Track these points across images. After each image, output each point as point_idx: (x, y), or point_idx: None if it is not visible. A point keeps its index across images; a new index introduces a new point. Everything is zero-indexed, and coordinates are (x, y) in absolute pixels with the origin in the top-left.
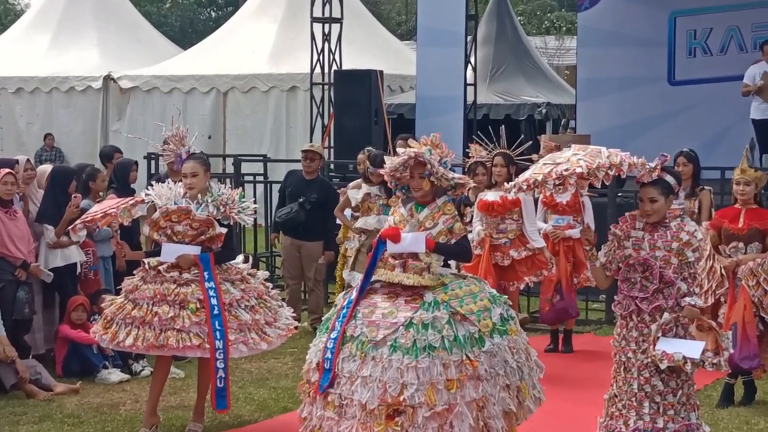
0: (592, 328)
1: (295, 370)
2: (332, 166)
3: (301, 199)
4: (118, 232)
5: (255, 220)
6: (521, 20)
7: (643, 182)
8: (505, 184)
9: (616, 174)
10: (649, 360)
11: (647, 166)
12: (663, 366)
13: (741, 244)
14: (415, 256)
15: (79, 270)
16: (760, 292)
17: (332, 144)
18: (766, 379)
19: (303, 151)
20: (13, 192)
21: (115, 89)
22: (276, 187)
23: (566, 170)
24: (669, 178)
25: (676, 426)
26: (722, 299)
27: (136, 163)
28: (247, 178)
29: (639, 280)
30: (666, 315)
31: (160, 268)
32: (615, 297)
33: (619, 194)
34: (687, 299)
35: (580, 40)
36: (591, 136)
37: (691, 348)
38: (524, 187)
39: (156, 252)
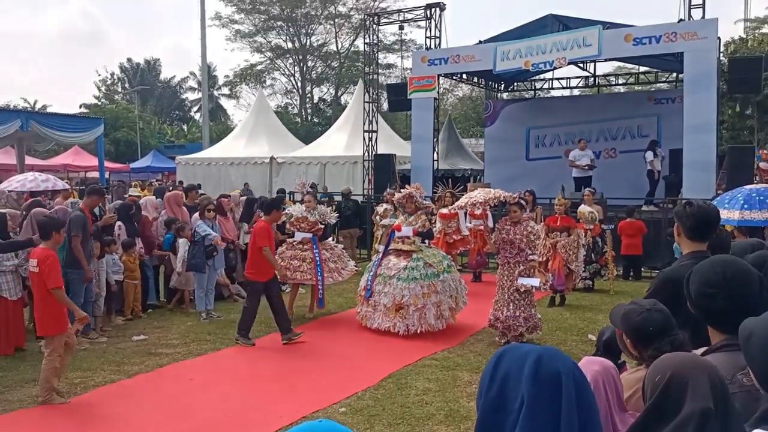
0: (491, 271)
1: (355, 290)
2: (373, 194)
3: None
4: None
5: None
6: (459, 130)
7: (511, 203)
8: (450, 206)
9: (498, 201)
10: (514, 287)
11: (513, 196)
12: (521, 289)
13: (558, 233)
14: (408, 237)
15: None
16: (566, 255)
17: (373, 185)
18: (571, 294)
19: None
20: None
21: (275, 163)
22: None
23: (475, 200)
24: (522, 202)
25: (524, 314)
26: (548, 258)
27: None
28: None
29: (509, 249)
30: (521, 267)
31: (294, 243)
32: (497, 257)
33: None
34: (531, 257)
35: (486, 139)
36: (491, 184)
37: (533, 281)
38: (460, 207)
39: (292, 235)
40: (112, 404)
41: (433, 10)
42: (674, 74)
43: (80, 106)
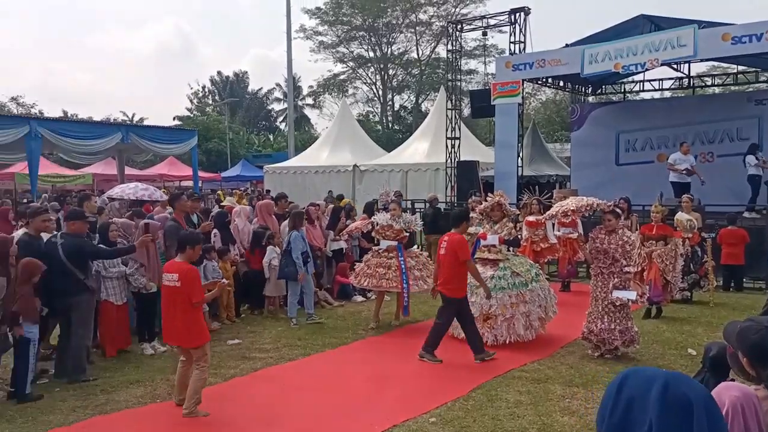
0: (580, 280)
1: (439, 297)
2: (456, 201)
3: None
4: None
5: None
6: (543, 135)
7: (605, 211)
8: (536, 213)
9: (590, 209)
10: (609, 299)
11: (607, 204)
12: (617, 303)
13: (654, 242)
14: (494, 246)
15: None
16: (663, 265)
17: (456, 193)
18: (668, 306)
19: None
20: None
21: (357, 171)
22: None
23: (567, 208)
24: (617, 210)
25: (620, 327)
26: (644, 268)
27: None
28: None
29: (603, 259)
30: (615, 278)
31: (380, 250)
32: (590, 267)
33: None
34: (626, 269)
35: (572, 144)
36: (578, 190)
37: (629, 294)
38: (551, 216)
39: (377, 243)
40: (211, 407)
41: (517, 14)
42: None
43: (174, 119)
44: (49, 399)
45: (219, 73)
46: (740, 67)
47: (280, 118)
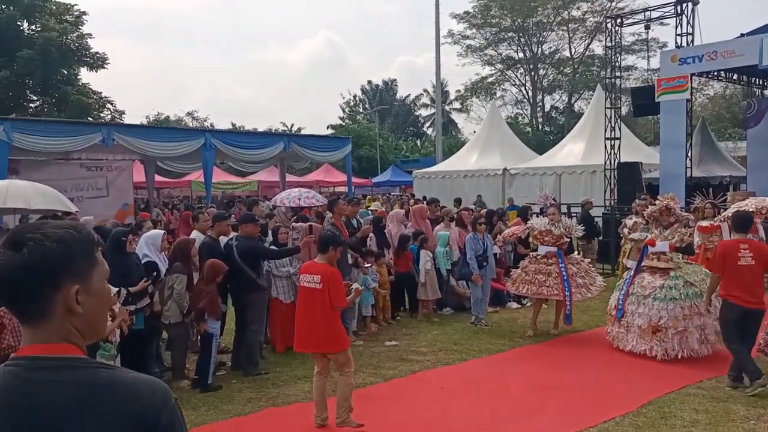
0: None
1: (602, 306)
2: (616, 205)
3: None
4: None
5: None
6: (713, 132)
7: None
8: (711, 217)
9: None
10: None
11: None
12: None
13: None
14: (664, 253)
15: None
16: None
17: (615, 197)
18: None
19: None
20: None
21: (507, 174)
22: None
23: (745, 209)
24: None
25: None
26: None
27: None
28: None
29: None
30: None
31: (538, 257)
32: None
33: None
34: None
35: (749, 143)
36: (756, 192)
37: None
38: (727, 218)
39: (535, 249)
40: (371, 405)
41: (684, 5)
42: None
43: (327, 127)
44: (227, 390)
45: (369, 81)
46: None
47: (428, 124)
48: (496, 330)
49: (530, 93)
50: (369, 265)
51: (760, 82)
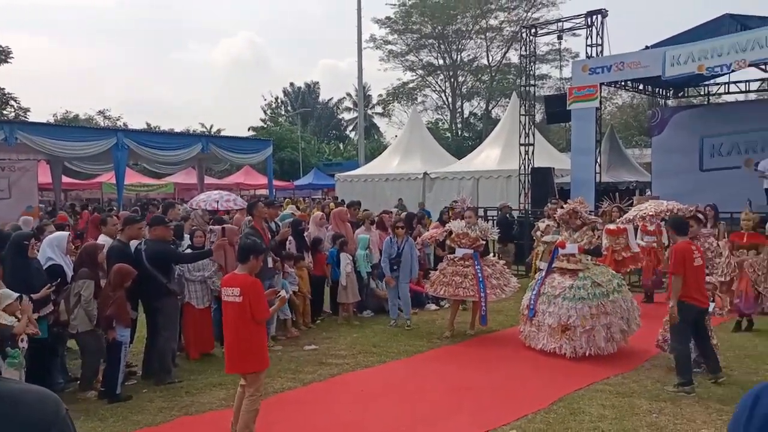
0: (665, 291)
1: (516, 307)
2: (530, 209)
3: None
4: None
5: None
6: (621, 140)
7: (686, 217)
8: (617, 220)
9: (670, 213)
10: None
11: (689, 209)
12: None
13: (745, 251)
14: (573, 255)
15: None
16: (754, 275)
17: (529, 201)
18: (760, 319)
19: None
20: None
21: (428, 178)
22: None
23: (645, 213)
24: (699, 216)
25: None
26: (734, 278)
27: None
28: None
29: None
30: None
31: (456, 259)
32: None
33: None
34: (707, 279)
35: (653, 150)
36: (659, 197)
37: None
38: (628, 220)
39: (453, 251)
40: (292, 410)
41: (594, 17)
42: None
43: (248, 129)
44: (137, 399)
45: (291, 84)
46: None
47: (350, 127)
48: (415, 331)
49: (450, 99)
50: (291, 270)
51: (663, 92)
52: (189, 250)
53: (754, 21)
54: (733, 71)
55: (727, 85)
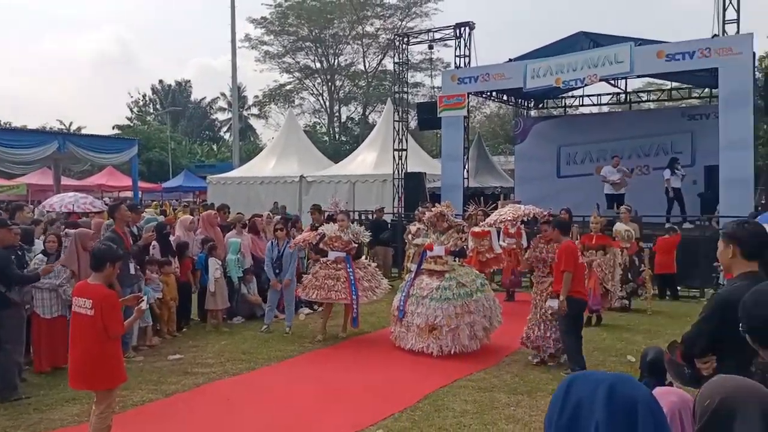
0: (524, 290)
1: (387, 309)
2: (403, 213)
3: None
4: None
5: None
6: (488, 147)
7: (541, 222)
8: (482, 223)
9: (527, 217)
10: (545, 309)
11: (543, 214)
12: (549, 312)
13: (594, 252)
14: (440, 256)
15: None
16: (602, 274)
17: (404, 204)
18: (607, 314)
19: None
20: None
21: (304, 182)
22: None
23: (504, 217)
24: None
25: (555, 335)
26: (585, 277)
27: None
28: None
29: (542, 268)
30: (550, 289)
31: (328, 261)
32: (532, 275)
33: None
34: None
35: (516, 157)
36: (521, 201)
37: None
38: (490, 224)
39: (326, 254)
40: (151, 423)
41: (462, 29)
42: (708, 90)
43: (113, 128)
44: None
45: (160, 81)
46: (674, 84)
47: (225, 128)
48: (287, 336)
49: (327, 103)
50: (154, 275)
51: (525, 103)
52: (41, 256)
53: (606, 39)
54: (586, 85)
55: (581, 98)
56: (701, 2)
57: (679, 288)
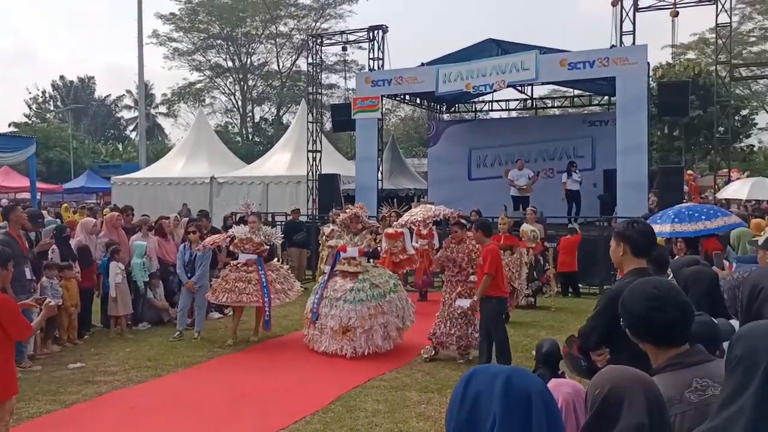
0: (437, 290)
1: (300, 311)
2: (317, 214)
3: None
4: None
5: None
6: (402, 150)
7: (451, 223)
8: (396, 226)
9: (438, 218)
10: (453, 306)
11: (453, 215)
12: (458, 311)
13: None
14: (353, 258)
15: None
16: (509, 273)
17: (318, 205)
18: (514, 312)
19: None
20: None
21: (215, 183)
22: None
23: (415, 218)
24: (462, 221)
25: (459, 332)
26: None
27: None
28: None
29: (451, 267)
30: (460, 287)
31: (239, 264)
32: (442, 275)
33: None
34: (471, 278)
35: (429, 160)
36: (434, 203)
37: (467, 303)
38: (401, 224)
39: (236, 257)
40: None
41: (375, 32)
42: (607, 98)
43: (9, 125)
44: None
45: (62, 77)
46: (576, 91)
47: (131, 127)
48: (196, 342)
49: (240, 103)
50: (52, 280)
51: (438, 107)
52: None
53: (513, 47)
54: (495, 90)
55: (491, 103)
56: (602, 13)
57: (580, 285)
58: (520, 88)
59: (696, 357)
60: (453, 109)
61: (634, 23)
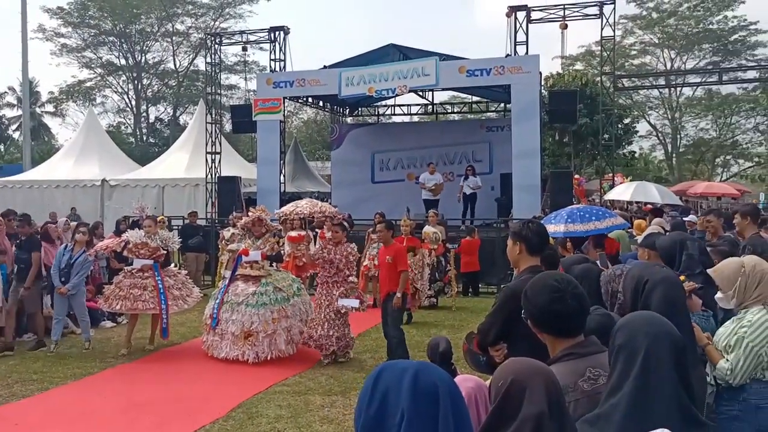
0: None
1: (199, 318)
2: (217, 218)
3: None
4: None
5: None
6: (305, 153)
7: (334, 224)
8: (297, 228)
9: (323, 213)
10: (333, 307)
11: (337, 216)
12: (342, 311)
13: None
14: (256, 261)
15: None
16: (412, 274)
17: (217, 209)
18: (417, 312)
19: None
20: None
21: (107, 186)
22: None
23: (301, 211)
24: (345, 224)
25: (338, 333)
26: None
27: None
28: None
29: (329, 268)
30: (341, 288)
31: (133, 270)
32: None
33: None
34: (350, 279)
35: (332, 163)
36: (338, 207)
37: (353, 302)
38: (285, 214)
39: (131, 263)
40: None
41: (277, 33)
42: (503, 104)
43: None
44: None
45: None
46: (475, 98)
47: (14, 126)
48: (87, 352)
49: (134, 102)
50: None
51: (341, 110)
52: None
53: (414, 52)
54: (397, 95)
55: (393, 108)
56: (498, 23)
57: (480, 285)
58: (421, 93)
59: (590, 348)
60: (356, 112)
61: (527, 34)
